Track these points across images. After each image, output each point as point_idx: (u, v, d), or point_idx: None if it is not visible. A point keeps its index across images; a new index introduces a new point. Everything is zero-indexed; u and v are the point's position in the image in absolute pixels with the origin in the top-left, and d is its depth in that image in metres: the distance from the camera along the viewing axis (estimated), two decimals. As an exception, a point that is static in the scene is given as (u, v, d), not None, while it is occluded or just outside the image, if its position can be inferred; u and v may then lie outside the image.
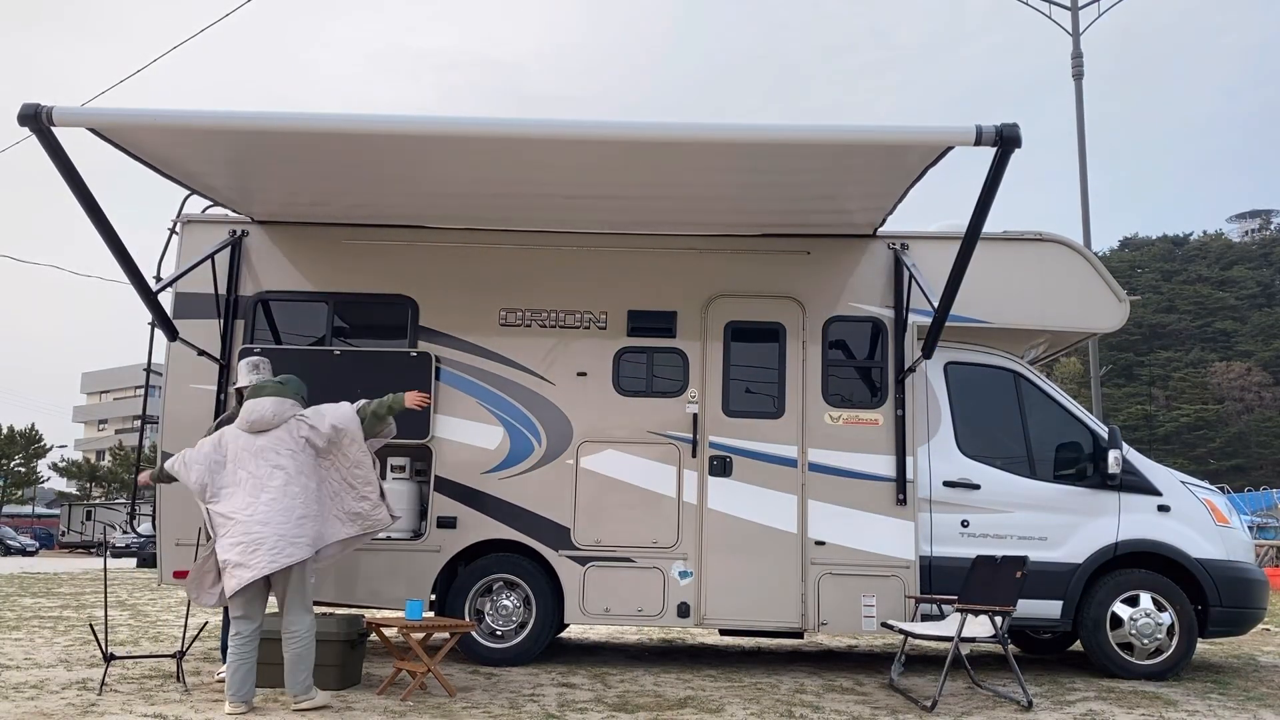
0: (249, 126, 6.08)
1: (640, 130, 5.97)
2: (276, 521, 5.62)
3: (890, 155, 6.31)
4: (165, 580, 7.52)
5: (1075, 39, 19.40)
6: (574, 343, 7.77)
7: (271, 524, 5.62)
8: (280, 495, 5.68)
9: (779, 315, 7.79)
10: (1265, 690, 6.93)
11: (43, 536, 50.94)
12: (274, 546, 5.58)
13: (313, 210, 7.78)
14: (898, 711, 6.01)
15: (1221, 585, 7.36)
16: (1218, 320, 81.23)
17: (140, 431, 8.70)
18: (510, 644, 7.47)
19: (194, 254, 7.76)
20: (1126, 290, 8.05)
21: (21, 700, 5.85)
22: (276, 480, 5.71)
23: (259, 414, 5.84)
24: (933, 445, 7.66)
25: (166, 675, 6.70)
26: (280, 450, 5.79)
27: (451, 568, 7.55)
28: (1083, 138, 18.61)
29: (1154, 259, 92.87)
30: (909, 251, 7.80)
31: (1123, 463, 7.52)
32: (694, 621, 7.42)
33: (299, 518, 5.69)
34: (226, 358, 7.72)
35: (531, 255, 7.90)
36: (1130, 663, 7.31)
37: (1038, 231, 8.00)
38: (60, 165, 6.02)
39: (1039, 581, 7.27)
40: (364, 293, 7.90)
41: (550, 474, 7.59)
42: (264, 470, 5.73)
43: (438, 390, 7.69)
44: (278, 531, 5.61)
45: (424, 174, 6.86)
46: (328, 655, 6.30)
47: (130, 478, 52.43)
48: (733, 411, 7.66)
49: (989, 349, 7.97)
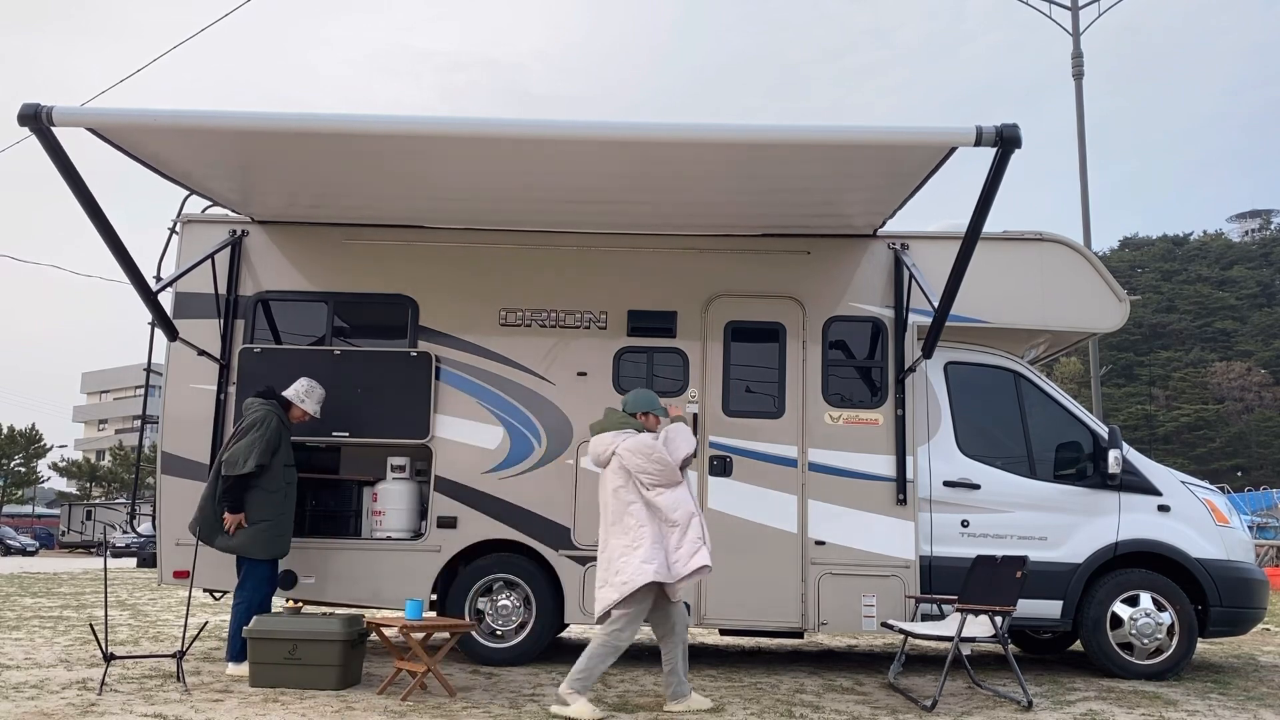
0: (249, 127, 6.08)
1: (640, 130, 5.96)
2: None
3: (890, 156, 6.30)
4: (165, 580, 7.51)
5: (1075, 39, 19.40)
6: (574, 343, 7.77)
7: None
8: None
9: (779, 315, 7.79)
10: (1265, 690, 6.93)
11: (43, 536, 50.93)
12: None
13: (313, 210, 7.77)
14: (898, 711, 6.01)
15: (1221, 585, 7.36)
16: (1218, 320, 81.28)
17: (140, 431, 8.71)
18: (510, 644, 7.47)
19: (194, 254, 7.76)
20: (1126, 290, 8.05)
21: (21, 700, 5.85)
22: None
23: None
24: (933, 445, 7.66)
25: (166, 675, 6.70)
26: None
27: (451, 567, 7.55)
28: (1083, 137, 18.60)
29: (1154, 259, 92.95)
30: (909, 251, 7.80)
31: (1123, 462, 7.52)
32: (694, 621, 7.41)
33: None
34: (226, 358, 7.72)
35: (531, 255, 7.90)
36: (1130, 663, 7.31)
37: (1038, 231, 8.00)
38: (60, 165, 6.02)
39: (1039, 581, 7.27)
40: (364, 293, 7.89)
41: (550, 474, 7.59)
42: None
43: (438, 390, 7.69)
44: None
45: (424, 174, 6.85)
46: (328, 655, 6.30)
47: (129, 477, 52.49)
48: (733, 411, 7.65)
49: (989, 349, 7.97)
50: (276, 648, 6.33)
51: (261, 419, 6.95)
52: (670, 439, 5.91)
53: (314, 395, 7.23)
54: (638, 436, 5.88)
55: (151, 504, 7.86)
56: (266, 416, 6.97)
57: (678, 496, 5.80)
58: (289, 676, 6.30)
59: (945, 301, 6.80)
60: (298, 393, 7.15)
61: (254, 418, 6.96)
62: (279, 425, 6.98)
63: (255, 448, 6.81)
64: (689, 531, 5.75)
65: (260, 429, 6.89)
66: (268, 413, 7.00)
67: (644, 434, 5.93)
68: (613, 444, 5.89)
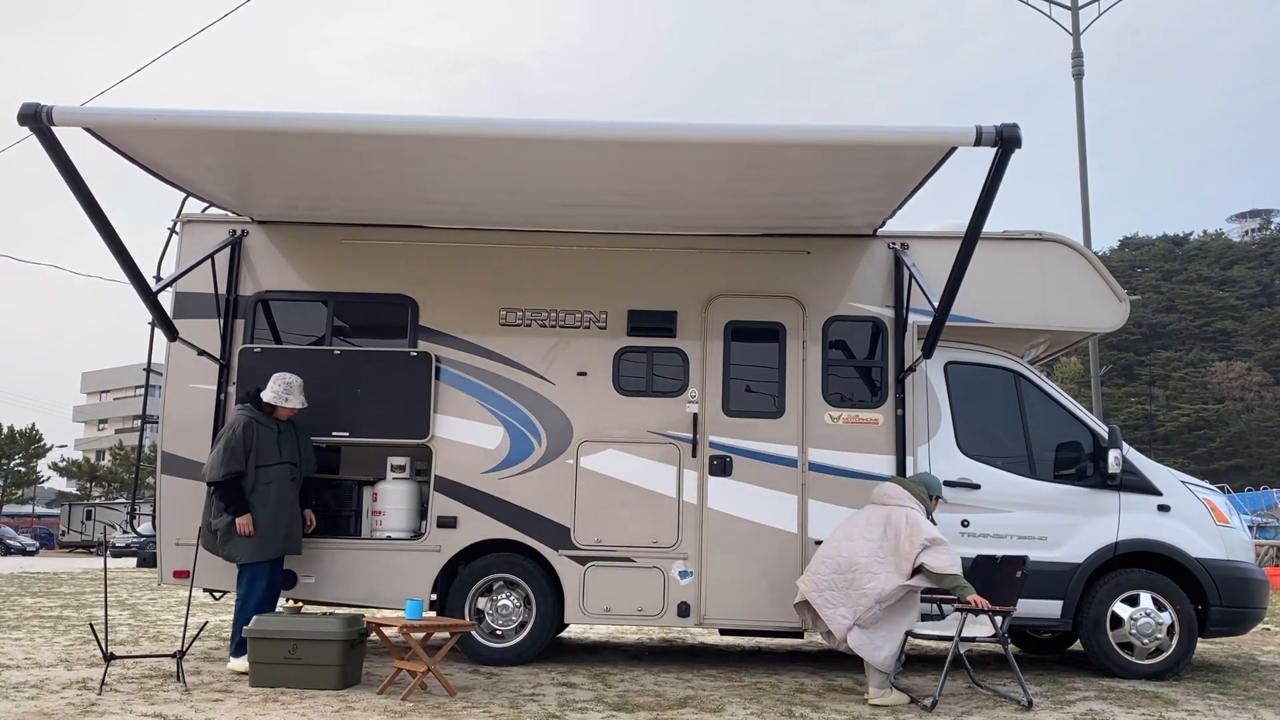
0: (249, 126, 6.07)
1: (640, 130, 5.96)
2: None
3: (890, 156, 6.30)
4: (165, 580, 7.51)
5: (1075, 39, 19.40)
6: (574, 342, 7.76)
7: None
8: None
9: (779, 315, 7.78)
10: (1265, 690, 6.93)
11: (43, 536, 50.91)
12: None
13: (313, 210, 7.77)
14: (898, 711, 6.02)
15: (1221, 585, 7.36)
16: (1218, 320, 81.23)
17: (140, 431, 8.71)
18: (510, 644, 7.47)
19: (194, 254, 7.75)
20: (1126, 290, 8.04)
21: (22, 700, 5.85)
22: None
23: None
24: (933, 445, 7.65)
25: (166, 675, 6.70)
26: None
27: (451, 567, 7.54)
28: (1083, 137, 18.60)
29: (1154, 259, 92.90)
30: (909, 251, 7.79)
31: (1123, 462, 7.51)
32: (694, 621, 7.42)
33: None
34: (226, 358, 7.72)
35: (531, 255, 7.90)
36: (1130, 662, 7.31)
37: (1038, 231, 7.99)
38: (60, 165, 6.02)
39: (1039, 581, 7.27)
40: (364, 293, 7.89)
41: (550, 474, 7.59)
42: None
43: (438, 390, 7.69)
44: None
45: (424, 174, 6.85)
46: (328, 655, 6.31)
47: (130, 477, 52.46)
48: (733, 411, 7.65)
49: (989, 349, 7.97)
50: (276, 648, 6.33)
51: (229, 426, 7.07)
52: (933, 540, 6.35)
53: (293, 390, 7.15)
54: (921, 515, 6.50)
55: (151, 504, 7.86)
56: (234, 422, 7.05)
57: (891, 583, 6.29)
58: (289, 676, 6.30)
59: (945, 301, 6.80)
60: (277, 394, 7.09)
61: (227, 425, 7.09)
62: (246, 429, 6.98)
63: (221, 456, 6.90)
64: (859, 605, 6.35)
65: (225, 435, 7.00)
66: (237, 418, 7.08)
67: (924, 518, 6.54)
68: (901, 500, 6.57)
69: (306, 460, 7.33)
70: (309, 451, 7.36)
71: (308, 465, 7.35)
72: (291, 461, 7.15)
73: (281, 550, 7.04)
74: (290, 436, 7.20)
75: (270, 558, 6.99)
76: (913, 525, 6.33)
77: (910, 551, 6.21)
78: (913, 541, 6.23)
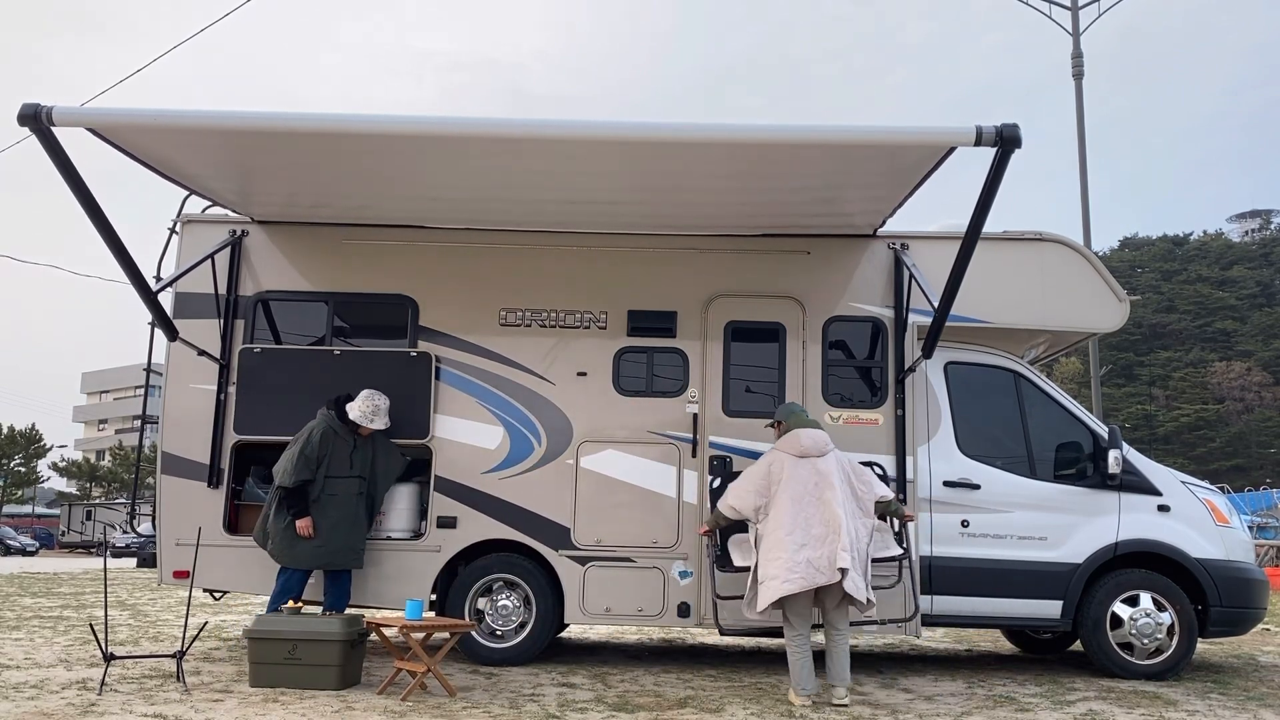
0: (249, 127, 6.07)
1: (640, 130, 5.96)
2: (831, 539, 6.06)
3: (890, 156, 6.30)
4: (165, 580, 7.52)
5: (1075, 39, 19.40)
6: (574, 342, 7.76)
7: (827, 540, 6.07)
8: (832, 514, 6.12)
9: (779, 315, 7.78)
10: (1265, 690, 6.93)
11: (43, 536, 50.89)
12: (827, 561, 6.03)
13: (313, 210, 7.77)
14: (898, 711, 6.01)
15: (1221, 585, 7.36)
16: (1218, 320, 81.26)
17: (140, 431, 8.71)
18: (510, 644, 7.47)
19: (194, 254, 7.75)
20: (1126, 290, 8.03)
21: (21, 700, 5.85)
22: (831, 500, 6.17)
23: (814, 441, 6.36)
24: (933, 445, 7.65)
25: (166, 675, 6.70)
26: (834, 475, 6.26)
27: (451, 567, 7.54)
28: (1083, 137, 18.60)
29: (1154, 259, 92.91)
30: (909, 251, 7.79)
31: (1123, 462, 7.51)
32: (694, 621, 7.42)
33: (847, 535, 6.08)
34: (226, 358, 7.72)
35: (531, 255, 7.89)
36: (1130, 663, 7.31)
37: (1038, 231, 7.99)
38: (60, 165, 6.02)
39: (1039, 581, 7.27)
40: (364, 292, 7.89)
41: (550, 474, 7.59)
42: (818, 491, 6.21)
43: (438, 390, 7.69)
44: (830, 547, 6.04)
45: (424, 174, 6.85)
46: (328, 655, 6.30)
47: (129, 477, 52.44)
48: (733, 411, 7.65)
49: (989, 349, 7.97)
50: (276, 648, 6.33)
51: (306, 430, 7.12)
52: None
53: (380, 413, 7.23)
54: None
55: (151, 504, 7.86)
56: (312, 428, 7.11)
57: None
58: (289, 676, 6.30)
59: (945, 301, 6.80)
60: (364, 414, 7.15)
61: (304, 429, 7.13)
62: (324, 438, 7.06)
63: (294, 463, 6.97)
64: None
65: (300, 441, 7.06)
66: (315, 424, 7.13)
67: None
68: (830, 442, 6.40)
69: (385, 473, 7.37)
70: (390, 463, 7.39)
71: (386, 478, 7.40)
72: (361, 475, 7.20)
73: (300, 564, 7.06)
74: (365, 450, 7.24)
75: (305, 568, 7.07)
76: (854, 466, 6.48)
77: (869, 493, 6.36)
78: (866, 482, 6.40)
